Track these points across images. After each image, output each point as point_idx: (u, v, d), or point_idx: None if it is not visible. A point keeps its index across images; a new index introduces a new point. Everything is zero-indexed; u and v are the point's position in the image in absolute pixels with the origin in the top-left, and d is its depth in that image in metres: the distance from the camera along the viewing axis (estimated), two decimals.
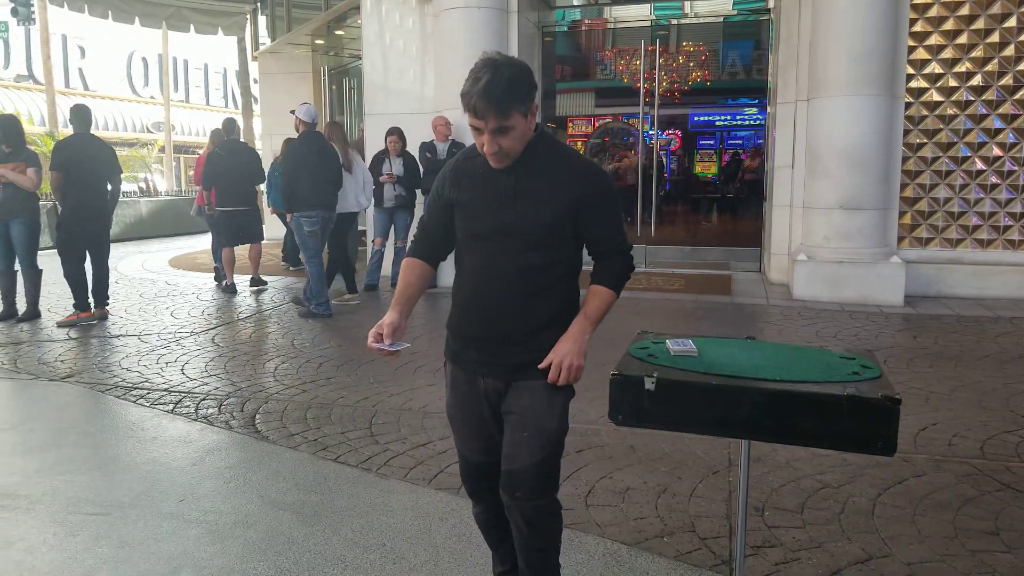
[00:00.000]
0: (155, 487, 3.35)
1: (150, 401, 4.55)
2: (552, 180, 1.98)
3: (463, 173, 2.06)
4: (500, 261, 1.98)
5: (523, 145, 1.96)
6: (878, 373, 2.12)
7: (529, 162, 1.98)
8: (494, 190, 1.98)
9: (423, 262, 2.16)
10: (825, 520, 3.00)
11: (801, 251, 7.86)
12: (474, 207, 2.01)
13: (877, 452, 1.95)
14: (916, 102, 7.86)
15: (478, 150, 1.98)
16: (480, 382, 2.08)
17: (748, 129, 11.94)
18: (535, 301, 1.99)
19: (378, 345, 2.02)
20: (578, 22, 11.16)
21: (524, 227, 1.95)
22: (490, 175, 2.00)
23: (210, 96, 40.05)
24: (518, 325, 1.99)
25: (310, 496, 3.24)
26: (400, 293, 2.11)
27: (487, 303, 2.01)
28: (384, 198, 8.18)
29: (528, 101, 1.91)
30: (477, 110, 1.86)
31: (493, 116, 1.86)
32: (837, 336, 6.12)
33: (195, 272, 10.02)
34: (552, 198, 1.96)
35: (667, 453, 3.65)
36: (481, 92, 1.83)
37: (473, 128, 1.92)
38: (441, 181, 2.11)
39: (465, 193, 2.03)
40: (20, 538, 2.90)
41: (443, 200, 2.09)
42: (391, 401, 4.48)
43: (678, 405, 1.99)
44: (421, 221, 2.19)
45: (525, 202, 1.96)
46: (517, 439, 2.00)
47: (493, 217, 1.98)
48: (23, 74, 29.65)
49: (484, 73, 1.85)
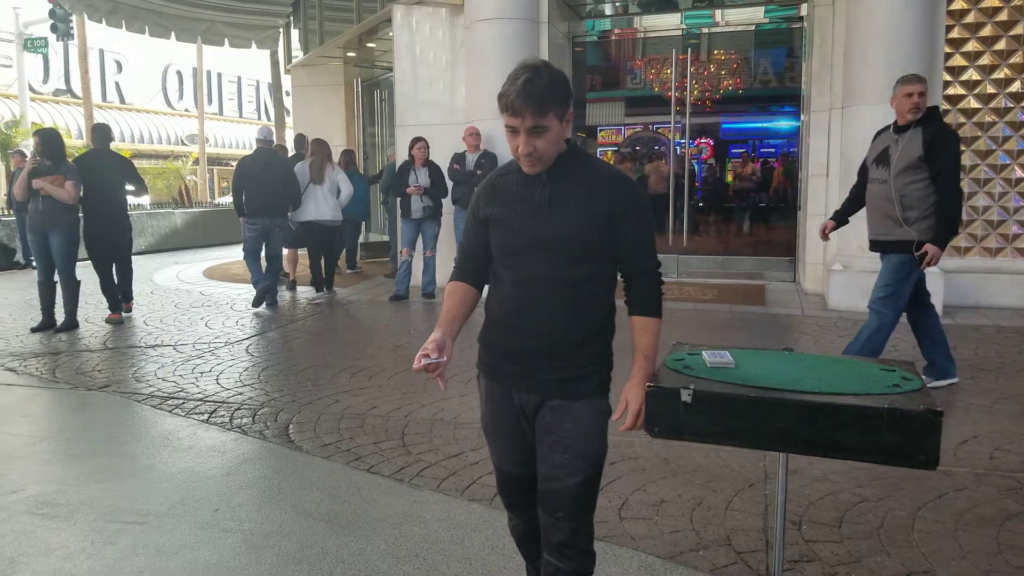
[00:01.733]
0: (191, 496, 3.38)
1: (185, 411, 4.60)
2: (585, 192, 1.96)
3: (496, 189, 2.05)
4: (535, 275, 1.96)
5: (557, 151, 1.95)
6: (919, 385, 2.08)
7: (562, 174, 1.97)
8: (528, 204, 1.97)
9: (466, 285, 2.13)
10: (864, 534, 2.95)
11: (836, 261, 7.75)
12: (508, 221, 2.00)
13: (919, 466, 1.91)
14: (953, 109, 7.73)
15: (512, 154, 1.97)
16: (515, 396, 2.06)
17: (780, 137, 11.84)
18: (571, 315, 1.96)
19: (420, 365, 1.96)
20: (608, 32, 11.16)
21: (559, 240, 1.94)
22: (524, 189, 1.99)
23: (243, 108, 40.67)
24: (554, 340, 1.97)
25: (344, 506, 3.25)
26: (444, 315, 2.09)
27: (522, 318, 1.99)
28: (412, 209, 8.23)
29: (565, 105, 1.90)
30: (514, 108, 1.86)
31: (530, 114, 1.85)
32: None
33: (229, 283, 10.15)
34: (586, 210, 1.94)
35: (701, 465, 3.61)
36: (520, 90, 1.84)
37: (508, 129, 1.91)
38: (476, 201, 2.10)
39: (500, 209, 2.02)
40: (60, 546, 2.95)
41: (479, 219, 2.07)
42: (423, 412, 4.49)
43: (715, 417, 1.96)
44: (461, 245, 2.17)
45: (560, 215, 1.95)
46: (559, 460, 1.97)
47: (528, 231, 1.96)
48: (61, 88, 30.35)
49: (523, 72, 1.86)
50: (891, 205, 4.64)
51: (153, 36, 13.54)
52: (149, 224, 15.33)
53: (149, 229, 15.28)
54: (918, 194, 4.53)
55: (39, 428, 4.43)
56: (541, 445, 2.02)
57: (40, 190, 6.75)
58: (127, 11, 12.74)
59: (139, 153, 31.07)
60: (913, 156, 4.54)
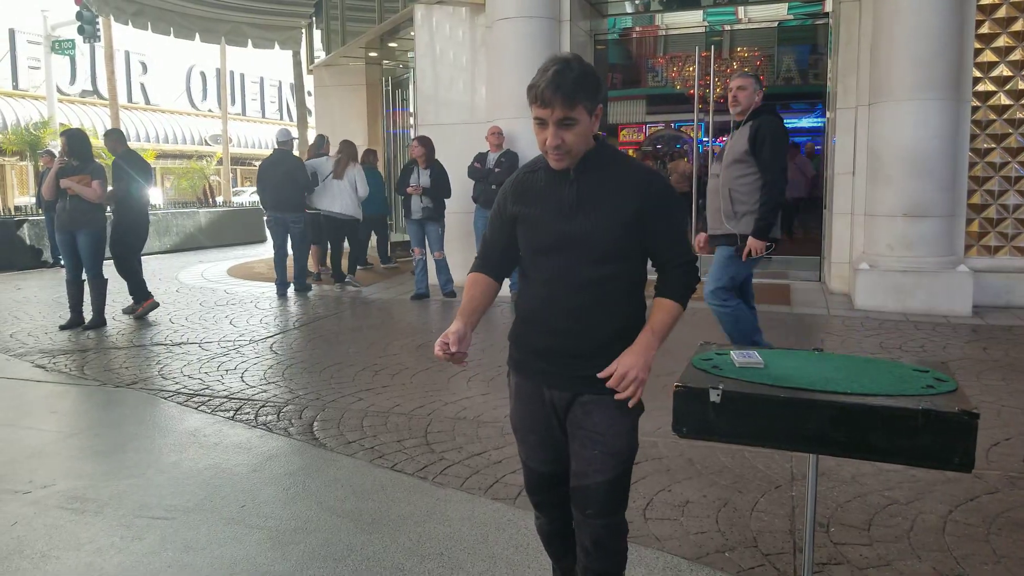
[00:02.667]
0: (217, 492, 3.40)
1: (211, 408, 4.64)
2: (614, 189, 1.94)
3: (525, 187, 2.04)
4: (565, 274, 1.95)
5: (585, 145, 1.93)
6: (954, 387, 2.05)
7: (590, 172, 1.95)
8: (557, 202, 1.96)
9: (487, 277, 2.14)
10: (894, 537, 2.90)
11: (863, 260, 7.66)
12: (537, 220, 1.99)
13: (954, 468, 1.88)
14: (983, 106, 7.61)
15: (540, 147, 1.95)
16: (545, 392, 2.05)
17: (804, 135, 11.72)
18: (600, 313, 1.95)
19: (444, 353, 1.99)
20: (630, 29, 11.11)
21: (588, 239, 1.92)
22: (552, 187, 1.98)
23: (266, 109, 41.03)
24: (584, 339, 1.96)
25: (368, 504, 3.26)
26: (464, 306, 2.10)
27: (552, 317, 1.98)
28: (412, 210, 8.35)
29: (594, 99, 1.89)
30: (544, 98, 1.84)
31: (560, 106, 1.84)
32: (902, 347, 5.95)
33: (253, 281, 10.22)
34: (615, 208, 1.92)
35: (727, 466, 3.58)
36: (550, 80, 1.83)
37: (537, 121, 1.90)
38: (503, 197, 2.10)
39: (528, 207, 2.01)
40: (90, 540, 2.98)
41: (506, 215, 2.07)
42: (446, 410, 4.49)
43: (744, 418, 1.94)
44: (484, 237, 2.18)
45: (589, 213, 1.93)
46: (588, 456, 1.96)
47: (557, 230, 1.95)
48: (88, 90, 30.79)
49: (553, 64, 1.85)
50: (721, 199, 4.69)
51: (178, 37, 13.67)
52: (174, 223, 15.49)
53: (174, 228, 15.43)
54: (746, 188, 4.56)
55: (68, 424, 4.49)
56: (573, 441, 2.01)
57: (68, 189, 6.83)
58: (153, 13, 12.88)
59: (164, 153, 31.45)
60: (739, 151, 4.60)
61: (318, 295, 8.94)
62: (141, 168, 7.60)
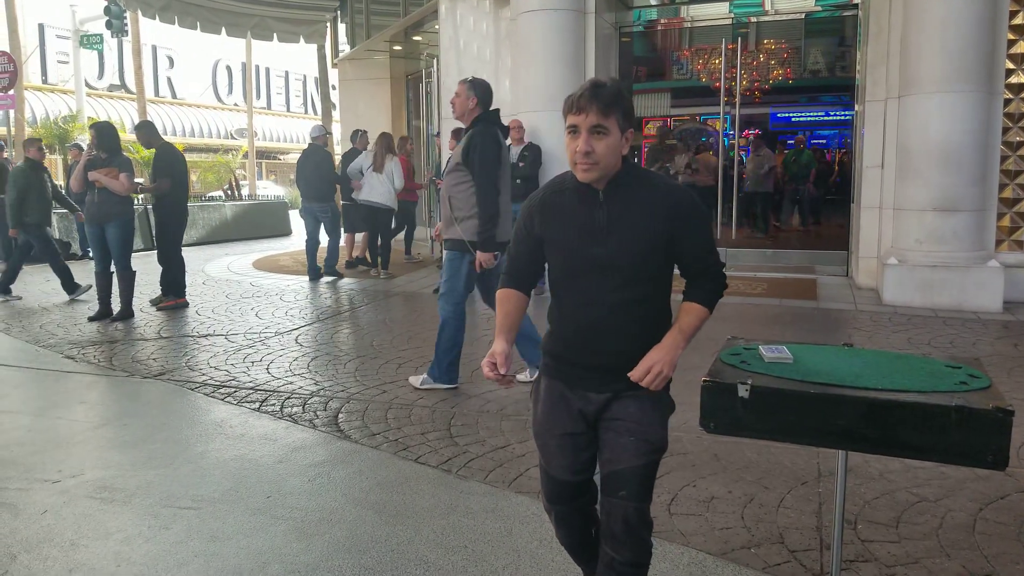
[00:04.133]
0: (243, 483, 3.43)
1: (237, 399, 4.68)
2: (644, 211, 1.97)
3: (553, 208, 2.05)
4: (599, 297, 1.98)
5: (614, 162, 1.95)
6: (987, 383, 2.01)
7: (619, 193, 1.98)
8: (587, 225, 1.98)
9: (516, 291, 2.16)
10: (922, 535, 2.87)
11: (891, 254, 7.56)
12: (567, 243, 2.01)
13: (987, 466, 1.84)
14: (1016, 98, 7.47)
15: (570, 160, 1.96)
16: (576, 399, 2.06)
17: (832, 127, 11.58)
18: (638, 332, 1.98)
19: (494, 374, 2.03)
20: (655, 22, 11.02)
21: (619, 261, 1.96)
22: (581, 209, 2.00)
23: (291, 103, 41.25)
24: (624, 357, 1.98)
25: (392, 496, 3.27)
26: (501, 323, 2.13)
27: (591, 338, 2.01)
28: None
29: (628, 118, 1.94)
30: (579, 105, 1.89)
31: (595, 112, 1.88)
32: (931, 343, 5.86)
33: (278, 274, 10.29)
34: (645, 229, 1.96)
35: (753, 462, 3.55)
36: (587, 88, 1.90)
37: (570, 131, 1.93)
38: (528, 215, 2.10)
39: (557, 231, 2.03)
40: (118, 529, 3.01)
41: (533, 234, 2.09)
42: (469, 403, 4.50)
43: (773, 413, 1.92)
44: (510, 253, 2.19)
45: (619, 235, 1.96)
46: (623, 442, 1.98)
47: (588, 254, 1.98)
48: (116, 84, 31.13)
49: (592, 80, 1.95)
50: (443, 205, 4.76)
51: (204, 32, 13.79)
52: (200, 216, 15.63)
53: (200, 221, 15.58)
54: (462, 196, 4.58)
55: (97, 414, 4.55)
56: (606, 433, 2.03)
57: (96, 182, 6.91)
58: (179, 7, 12.99)
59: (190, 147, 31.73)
60: (456, 159, 4.63)
61: (344, 287, 8.99)
62: (180, 160, 7.78)
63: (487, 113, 4.65)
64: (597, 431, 2.07)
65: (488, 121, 4.62)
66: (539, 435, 2.15)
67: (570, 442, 2.08)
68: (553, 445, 2.11)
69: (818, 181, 11.67)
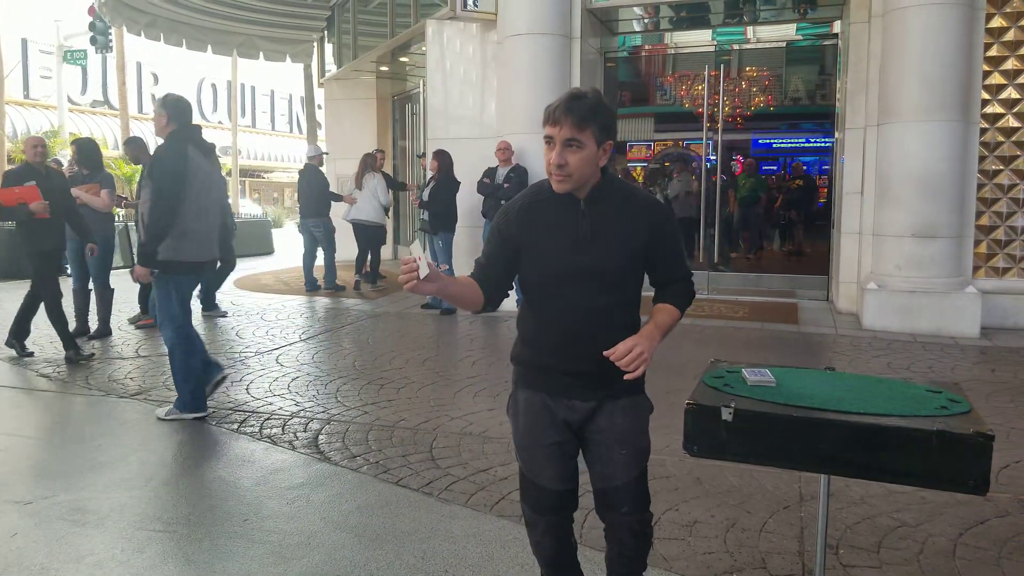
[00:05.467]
0: (220, 506, 3.38)
1: (215, 420, 4.62)
2: (625, 221, 2.02)
3: (532, 215, 2.06)
4: (579, 301, 2.00)
5: (590, 175, 1.98)
6: (968, 408, 2.02)
7: (600, 203, 2.02)
8: (570, 235, 2.00)
9: (480, 289, 2.08)
10: (903, 560, 2.87)
11: (871, 280, 7.63)
12: (545, 251, 2.02)
13: (968, 491, 1.85)
14: (992, 128, 7.60)
15: (546, 169, 1.98)
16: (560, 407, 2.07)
17: (812, 155, 11.71)
18: (616, 336, 1.97)
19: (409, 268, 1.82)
20: (639, 47, 11.13)
21: (603, 269, 1.99)
22: (561, 218, 2.02)
23: (276, 122, 41.20)
24: (601, 362, 1.97)
25: (372, 519, 3.23)
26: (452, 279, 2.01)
27: (569, 344, 2.02)
28: None
29: (605, 131, 1.95)
30: (555, 116, 1.91)
31: (569, 124, 1.89)
32: (910, 368, 5.91)
33: (259, 293, 10.22)
34: (628, 239, 2.01)
35: (735, 486, 3.55)
36: (563, 100, 1.92)
37: (546, 140, 1.95)
38: (505, 219, 2.09)
39: (536, 238, 2.03)
40: (90, 552, 2.95)
41: (507, 238, 2.07)
42: (451, 425, 4.46)
43: (757, 437, 1.92)
44: (484, 253, 2.15)
45: (603, 244, 2.00)
46: (614, 457, 2.02)
47: (567, 261, 2.00)
48: (99, 100, 30.96)
49: (572, 91, 1.96)
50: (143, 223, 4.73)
51: (190, 49, 13.77)
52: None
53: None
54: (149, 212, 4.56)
55: (71, 434, 4.47)
56: (596, 446, 2.07)
57: (77, 199, 6.85)
58: (165, 24, 12.97)
59: None
60: (144, 175, 4.64)
61: (327, 306, 8.94)
62: None
63: (180, 130, 4.57)
64: (582, 440, 2.09)
65: (177, 137, 4.55)
66: (525, 448, 2.15)
67: (558, 451, 2.09)
68: (541, 456, 2.11)
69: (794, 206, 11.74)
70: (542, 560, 2.26)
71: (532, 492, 2.16)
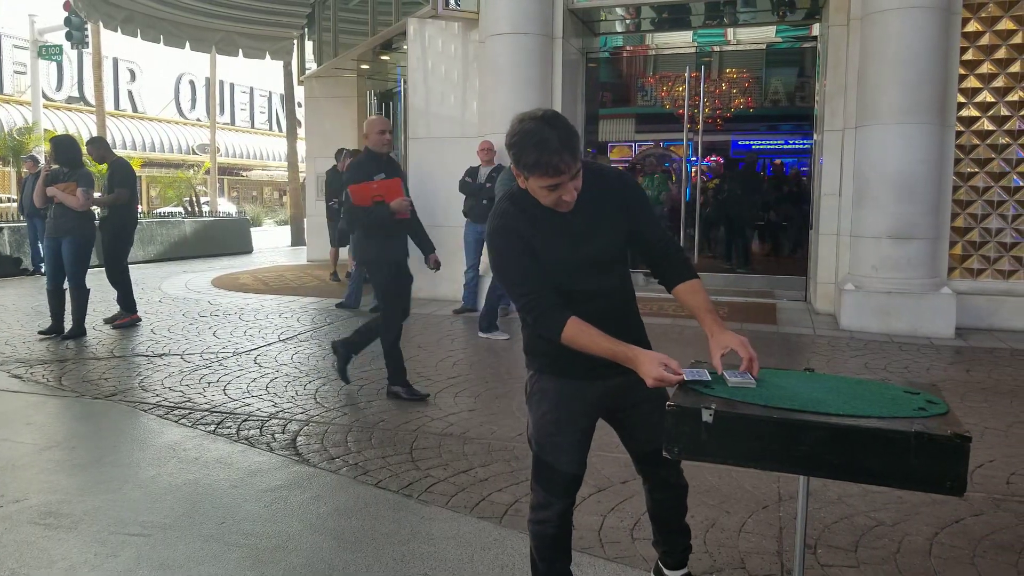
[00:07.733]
0: (196, 508, 3.34)
1: (192, 421, 4.56)
2: (608, 205, 2.14)
3: (533, 219, 2.09)
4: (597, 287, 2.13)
5: None
6: (945, 409, 2.03)
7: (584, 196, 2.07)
8: (569, 230, 2.10)
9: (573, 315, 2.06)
10: (880, 559, 2.89)
11: (848, 280, 7.70)
12: (560, 247, 2.10)
13: (946, 492, 1.85)
14: (967, 131, 7.69)
15: (550, 205, 2.04)
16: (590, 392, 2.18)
17: (791, 155, 11.81)
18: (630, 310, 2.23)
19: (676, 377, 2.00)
20: (620, 48, 11.17)
21: (608, 255, 2.13)
22: (558, 217, 2.09)
23: (255, 119, 40.92)
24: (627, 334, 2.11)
25: (351, 521, 3.20)
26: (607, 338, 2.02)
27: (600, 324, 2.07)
28: None
29: None
30: (560, 167, 1.93)
31: (570, 160, 1.94)
32: (887, 368, 5.96)
33: (238, 292, 10.13)
34: (616, 221, 2.14)
35: (714, 486, 3.56)
36: (559, 146, 1.91)
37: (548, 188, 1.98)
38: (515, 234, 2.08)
39: (544, 237, 2.09)
40: (62, 557, 2.90)
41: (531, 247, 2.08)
42: (432, 426, 4.44)
43: (737, 438, 1.91)
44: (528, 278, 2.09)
45: (600, 233, 2.12)
46: (654, 420, 2.14)
47: (579, 252, 2.10)
48: (75, 96, 30.61)
49: (544, 133, 1.92)
50: None
51: (168, 45, 13.61)
52: (158, 233, 15.36)
53: (158, 238, 15.30)
54: None
55: (44, 436, 4.40)
56: (636, 414, 2.25)
57: (53, 197, 6.76)
58: (143, 20, 12.81)
59: (150, 161, 31.27)
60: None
61: (306, 306, 8.87)
62: (132, 176, 7.66)
63: None
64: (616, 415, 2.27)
65: None
66: (550, 435, 2.20)
67: (585, 437, 2.23)
68: (567, 442, 2.19)
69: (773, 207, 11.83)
70: (543, 542, 2.28)
71: (549, 477, 2.22)
